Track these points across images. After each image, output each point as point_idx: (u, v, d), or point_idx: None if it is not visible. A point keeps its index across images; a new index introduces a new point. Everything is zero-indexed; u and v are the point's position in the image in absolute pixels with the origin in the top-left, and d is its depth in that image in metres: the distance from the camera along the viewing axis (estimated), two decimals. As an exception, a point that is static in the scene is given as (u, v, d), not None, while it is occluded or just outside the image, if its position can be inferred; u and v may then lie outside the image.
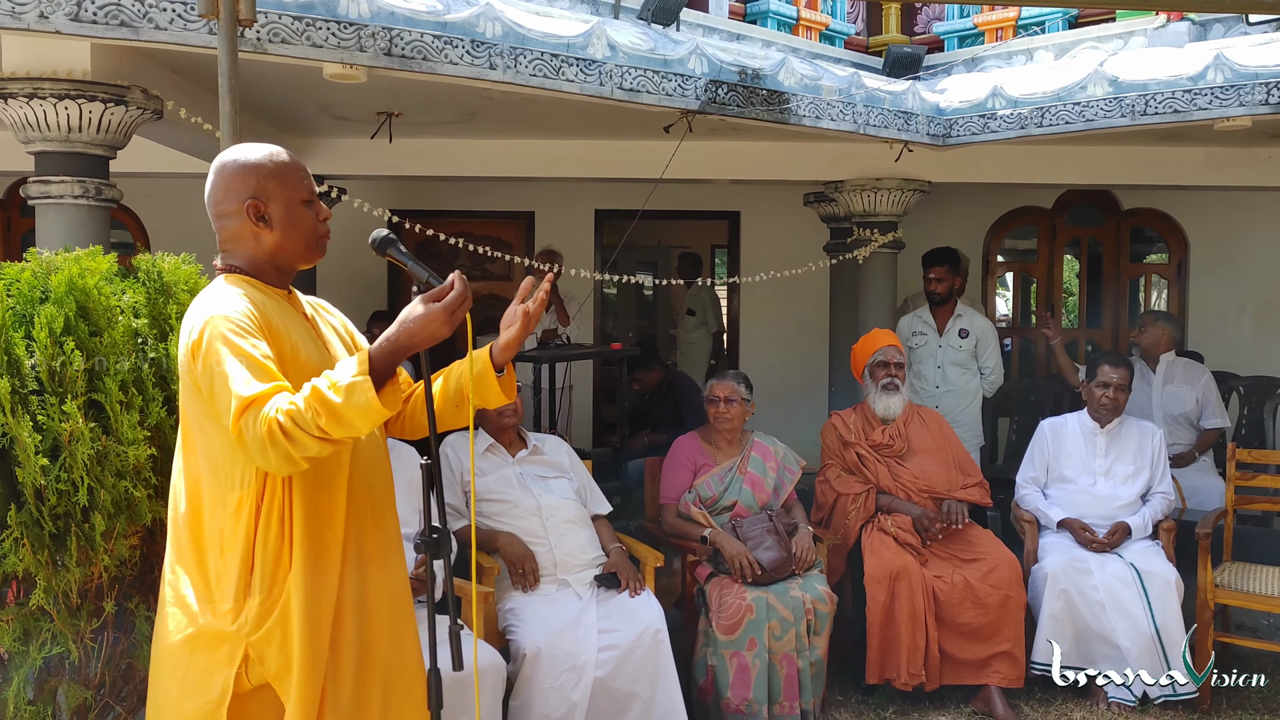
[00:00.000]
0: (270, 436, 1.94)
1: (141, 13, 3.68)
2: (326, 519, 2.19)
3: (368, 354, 2.01)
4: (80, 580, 2.58)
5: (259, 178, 2.21)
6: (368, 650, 2.25)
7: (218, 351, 2.02)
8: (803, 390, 8.01)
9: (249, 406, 1.96)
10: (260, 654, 2.11)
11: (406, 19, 4.05)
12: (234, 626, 2.11)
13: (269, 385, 1.99)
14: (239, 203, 2.20)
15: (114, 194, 4.29)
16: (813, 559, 4.31)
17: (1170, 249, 8.78)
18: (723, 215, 9.16)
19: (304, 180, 2.26)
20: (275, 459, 1.96)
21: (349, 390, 1.95)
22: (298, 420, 1.94)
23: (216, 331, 2.04)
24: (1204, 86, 4.92)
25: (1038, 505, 4.84)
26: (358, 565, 2.24)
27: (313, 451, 1.97)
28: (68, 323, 2.57)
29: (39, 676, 2.68)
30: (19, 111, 4.06)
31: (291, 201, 2.23)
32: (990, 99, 5.52)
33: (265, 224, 2.21)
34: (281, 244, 2.23)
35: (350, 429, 1.97)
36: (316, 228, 2.28)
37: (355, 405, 1.94)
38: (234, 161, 2.24)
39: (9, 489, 2.53)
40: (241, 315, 2.08)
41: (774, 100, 5.01)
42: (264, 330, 2.10)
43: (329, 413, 1.94)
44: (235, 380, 1.98)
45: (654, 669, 3.76)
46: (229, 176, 2.22)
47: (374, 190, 7.17)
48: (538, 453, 4.23)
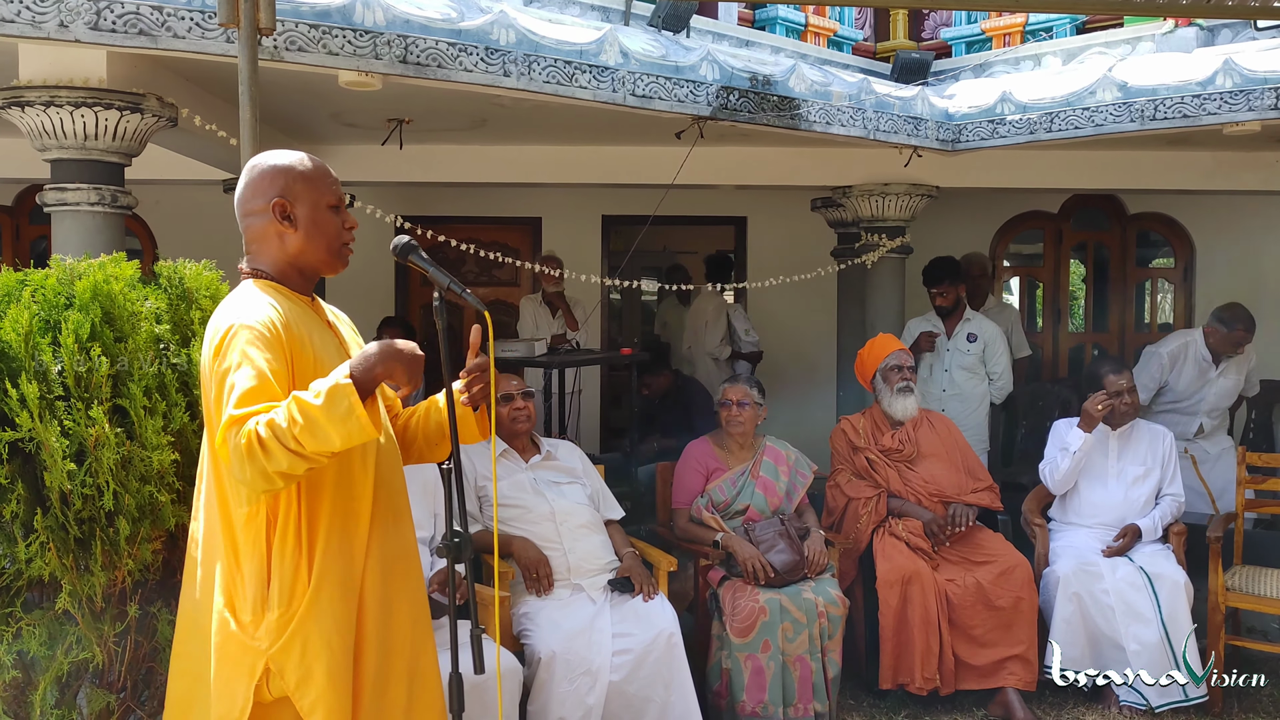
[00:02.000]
0: (249, 449, 1.94)
1: (160, 21, 3.71)
2: (351, 527, 2.20)
3: (348, 365, 2.03)
4: (105, 584, 2.60)
5: (288, 179, 2.24)
6: (390, 658, 2.26)
7: (230, 361, 2.05)
8: (810, 394, 8.02)
9: (235, 423, 1.97)
10: (280, 667, 2.12)
11: (422, 27, 4.08)
12: (253, 640, 2.13)
13: (261, 405, 1.99)
14: (266, 201, 2.23)
15: (129, 201, 4.31)
16: (825, 562, 4.33)
17: (1176, 253, 8.79)
18: (730, 221, 9.18)
19: (332, 186, 2.29)
20: (251, 473, 1.96)
21: (329, 395, 1.95)
22: (275, 431, 1.94)
23: (237, 340, 2.06)
24: (1213, 91, 4.95)
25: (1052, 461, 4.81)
26: (381, 573, 2.25)
27: (284, 466, 1.95)
28: (93, 329, 2.60)
29: (63, 680, 2.70)
30: (36, 119, 4.09)
31: (318, 204, 2.26)
32: (999, 104, 5.54)
33: (290, 224, 2.24)
34: (305, 246, 2.25)
35: (325, 441, 1.95)
36: (341, 234, 2.30)
37: (336, 412, 1.94)
38: (265, 163, 2.28)
39: (35, 493, 2.55)
40: (264, 325, 2.09)
41: (785, 106, 5.03)
42: (287, 340, 2.12)
43: (306, 419, 1.93)
44: (233, 394, 2.01)
45: (668, 673, 3.77)
46: (259, 177, 2.26)
47: (383, 196, 7.17)
48: (550, 458, 4.24)
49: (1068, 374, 8.67)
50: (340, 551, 2.17)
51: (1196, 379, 5.85)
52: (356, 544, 2.21)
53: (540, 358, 6.27)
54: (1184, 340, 5.92)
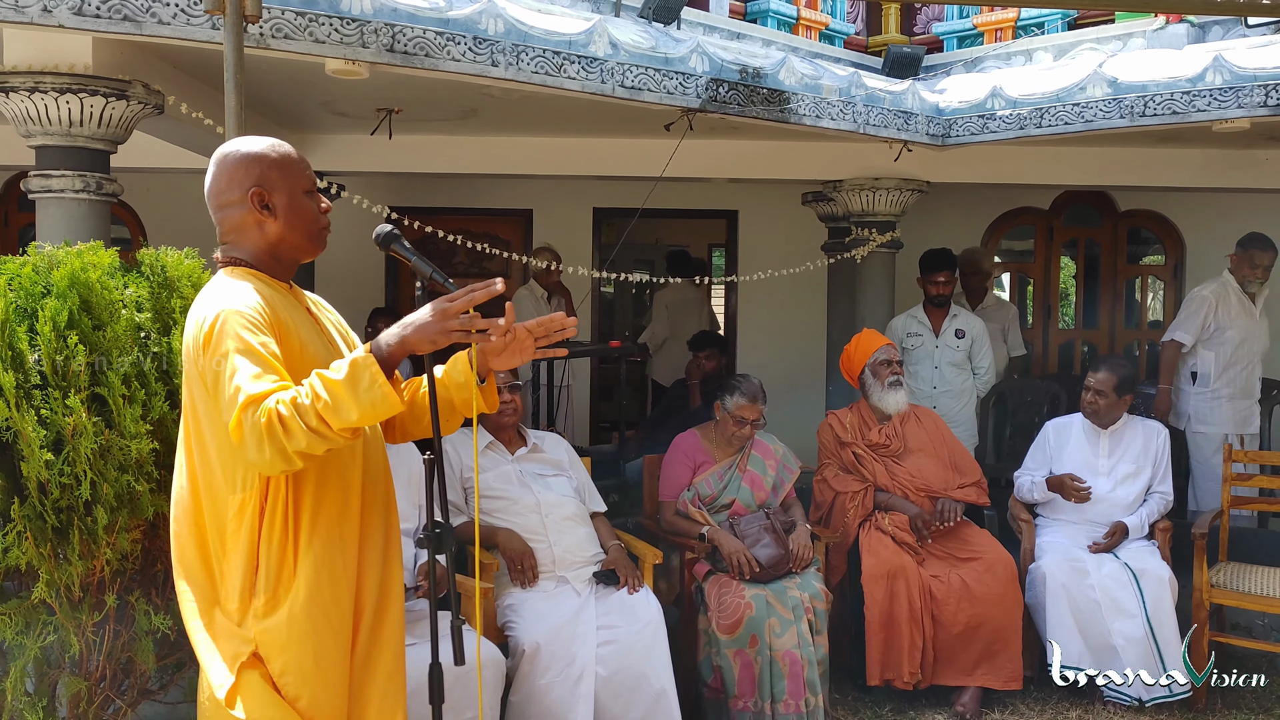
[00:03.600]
0: (269, 428, 1.92)
1: (144, 7, 3.68)
2: (341, 513, 2.19)
3: (368, 344, 2.03)
4: (82, 573, 2.59)
5: (262, 167, 2.22)
6: (379, 645, 2.27)
7: (227, 346, 2.01)
8: (800, 389, 8.01)
9: (252, 403, 1.95)
10: (267, 653, 2.12)
11: (409, 15, 4.06)
12: (240, 627, 2.12)
13: (275, 384, 1.98)
14: (242, 191, 2.21)
15: (115, 188, 4.29)
16: (810, 557, 4.32)
17: (1167, 250, 8.81)
18: (721, 214, 9.17)
19: (305, 171, 2.28)
20: (270, 453, 1.94)
21: (352, 369, 1.95)
22: (298, 409, 1.93)
23: (228, 326, 2.03)
24: (1203, 88, 4.94)
25: (1026, 485, 4.90)
26: (377, 558, 2.27)
27: (303, 445, 1.94)
28: (71, 317, 2.58)
29: (39, 668, 2.69)
30: (20, 105, 4.06)
31: (294, 191, 2.24)
32: (990, 99, 5.54)
33: (269, 212, 2.21)
34: (285, 234, 2.23)
35: (347, 417, 1.94)
36: (319, 218, 2.29)
37: (359, 387, 1.93)
38: (236, 152, 2.24)
39: (12, 482, 2.54)
40: (253, 310, 2.08)
41: (775, 99, 5.02)
42: (273, 326, 2.10)
43: (331, 396, 1.93)
44: (241, 375, 1.98)
45: (652, 665, 3.77)
46: (231, 166, 2.23)
47: (373, 187, 7.17)
48: (537, 450, 4.23)
49: (1057, 370, 8.68)
50: (331, 537, 2.17)
51: (1244, 315, 5.96)
52: (347, 529, 2.20)
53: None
54: (1218, 280, 6.04)
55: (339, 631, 2.17)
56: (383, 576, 2.29)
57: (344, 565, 2.18)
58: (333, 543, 2.16)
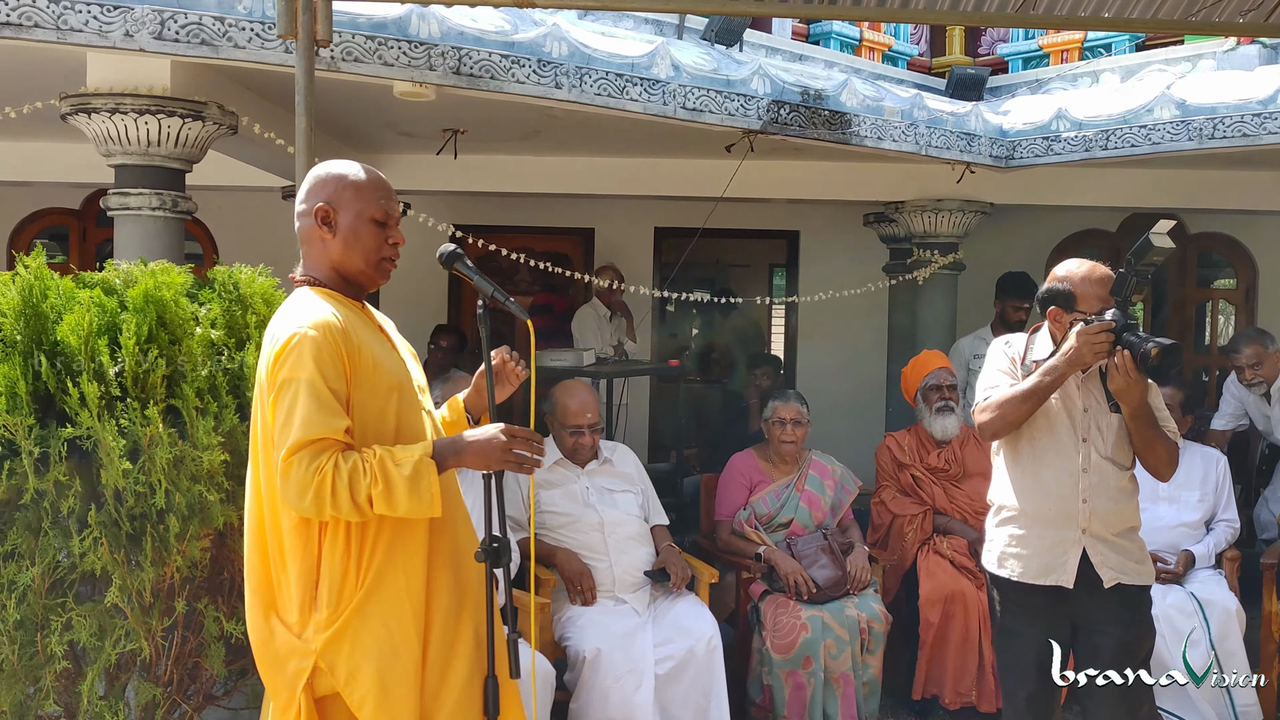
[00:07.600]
0: (319, 485, 2.03)
1: (221, 32, 3.80)
2: (405, 530, 2.21)
3: (430, 444, 2.15)
4: (154, 580, 2.67)
5: (338, 186, 2.28)
6: (454, 658, 2.28)
7: (297, 374, 2.08)
8: (859, 410, 7.96)
9: (306, 446, 2.04)
10: (330, 664, 2.15)
11: (475, 39, 4.14)
12: (301, 639, 2.16)
13: (330, 433, 2.07)
14: (312, 205, 2.28)
15: (189, 206, 4.41)
16: (868, 578, 4.30)
17: (1238, 274, 8.62)
18: (782, 234, 9.16)
19: (380, 200, 2.30)
20: (309, 503, 2.05)
21: (415, 471, 2.08)
22: (353, 482, 2.04)
23: (301, 352, 2.09)
24: (1274, 110, 4.87)
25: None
26: (445, 580, 2.29)
27: (341, 512, 2.06)
28: (150, 331, 2.67)
29: (111, 672, 2.77)
30: (101, 126, 4.20)
31: (361, 215, 2.27)
32: (1054, 121, 5.49)
33: (330, 229, 2.27)
34: (343, 254, 2.28)
35: (394, 507, 2.07)
36: (380, 249, 2.31)
37: (419, 488, 2.07)
38: (324, 170, 2.33)
39: (90, 489, 2.62)
40: (327, 334, 2.12)
41: (836, 121, 5.03)
42: (347, 347, 2.15)
43: (388, 484, 2.05)
44: (303, 413, 2.05)
45: (707, 680, 3.77)
46: (314, 182, 2.32)
47: (438, 205, 7.26)
48: (607, 464, 4.23)
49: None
50: (394, 552, 2.19)
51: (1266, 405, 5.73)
52: (413, 544, 2.22)
53: (588, 368, 6.30)
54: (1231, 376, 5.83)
55: (406, 643, 2.19)
56: (455, 589, 2.29)
57: (408, 580, 2.21)
58: (396, 557, 2.19)
